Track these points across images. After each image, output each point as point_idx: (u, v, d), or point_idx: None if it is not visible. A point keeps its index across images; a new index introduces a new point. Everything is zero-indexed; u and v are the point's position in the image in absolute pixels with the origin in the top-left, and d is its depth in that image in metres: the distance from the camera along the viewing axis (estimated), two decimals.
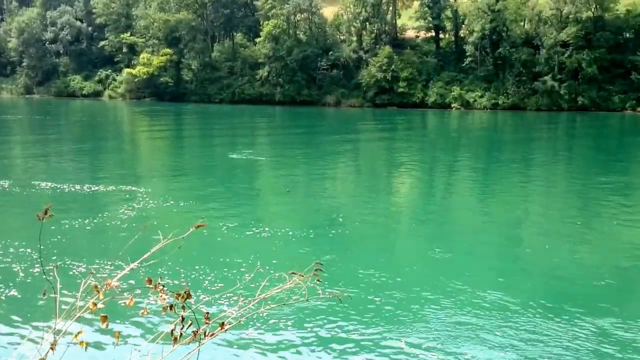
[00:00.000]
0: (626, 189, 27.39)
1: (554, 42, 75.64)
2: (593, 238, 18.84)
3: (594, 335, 11.42)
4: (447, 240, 18.43)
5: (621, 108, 73.23)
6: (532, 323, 11.90)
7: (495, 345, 11.03)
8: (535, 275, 15.12)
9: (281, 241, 17.45)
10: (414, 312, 12.41)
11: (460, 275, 14.63)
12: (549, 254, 16.80)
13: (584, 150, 43.83)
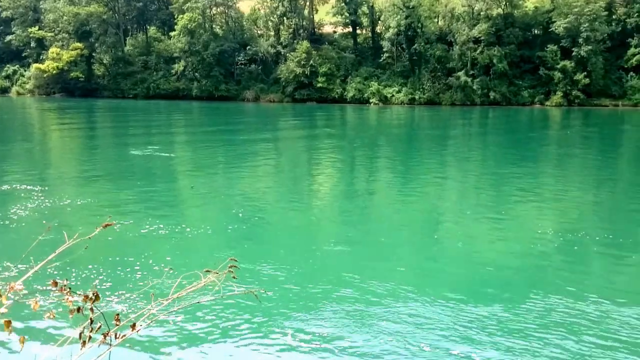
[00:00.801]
0: (535, 179, 28.23)
1: (466, 39, 77.73)
2: (507, 226, 19.17)
3: (514, 316, 11.53)
4: (366, 234, 18.17)
5: (530, 102, 76.20)
6: (451, 309, 11.89)
7: (407, 333, 10.84)
8: (454, 263, 15.23)
9: (195, 239, 16.70)
10: (332, 306, 12.03)
11: (379, 267, 14.49)
12: (466, 242, 16.99)
13: (497, 143, 45.08)
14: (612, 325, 11.14)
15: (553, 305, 12.12)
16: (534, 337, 10.70)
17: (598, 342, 10.53)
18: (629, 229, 18.16)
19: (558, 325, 11.16)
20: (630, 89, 73.78)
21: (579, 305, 12.18)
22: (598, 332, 10.86)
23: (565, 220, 19.83)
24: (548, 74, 74.85)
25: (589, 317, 11.58)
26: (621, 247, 16.24)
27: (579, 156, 37.08)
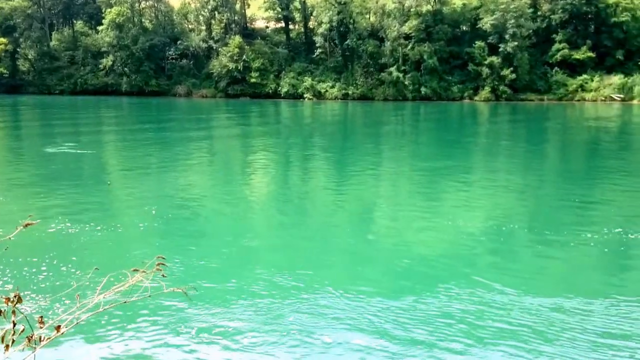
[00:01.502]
0: (465, 173, 28.66)
1: (397, 35, 78.55)
2: (437, 219, 19.30)
3: (442, 308, 11.61)
4: (301, 228, 18.05)
5: (460, 97, 77.71)
6: (384, 301, 11.93)
7: (341, 324, 10.80)
8: (381, 257, 15.25)
9: (122, 238, 16.10)
10: (266, 301, 11.85)
11: (314, 260, 14.46)
12: (398, 234, 17.14)
13: (428, 137, 45.68)
14: (521, 314, 11.25)
15: (471, 296, 12.19)
16: (448, 327, 10.74)
17: (505, 328, 10.69)
18: (555, 221, 18.41)
19: (472, 314, 11.24)
20: (555, 83, 76.26)
21: (494, 295, 12.29)
22: (507, 319, 10.99)
23: (495, 213, 20.07)
24: (476, 69, 76.51)
25: (502, 306, 11.67)
26: (547, 240, 16.43)
27: (507, 149, 37.89)
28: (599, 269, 14.36)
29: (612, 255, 15.09)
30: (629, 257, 15.06)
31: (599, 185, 25.23)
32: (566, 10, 76.77)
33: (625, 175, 27.77)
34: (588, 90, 74.83)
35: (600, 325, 10.80)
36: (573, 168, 30.82)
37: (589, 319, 11.09)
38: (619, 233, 16.55)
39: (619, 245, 15.69)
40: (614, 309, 11.53)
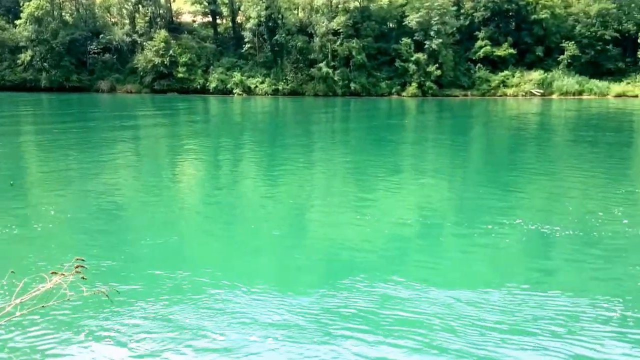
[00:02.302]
0: (395, 166, 29.04)
1: (325, 31, 78.81)
2: (366, 212, 19.34)
3: (378, 299, 11.76)
4: (230, 226, 17.73)
5: (388, 93, 78.81)
6: (319, 292, 12.02)
7: (270, 319, 10.73)
8: (321, 249, 15.38)
9: (38, 239, 15.32)
10: (190, 301, 11.60)
11: (240, 258, 14.30)
12: (332, 228, 17.15)
13: (358, 132, 45.97)
14: (430, 306, 11.40)
15: (395, 291, 12.23)
16: (368, 320, 10.79)
17: (413, 320, 10.79)
18: (479, 213, 18.73)
19: (391, 308, 11.29)
20: (478, 79, 78.51)
21: (409, 287, 12.40)
22: (417, 310, 11.12)
23: (423, 206, 20.32)
24: (403, 65, 77.79)
25: (415, 298, 11.80)
26: (470, 232, 16.70)
27: (434, 144, 38.64)
28: (516, 262, 14.63)
29: (532, 248, 15.54)
30: (546, 249, 15.49)
31: (520, 178, 26.03)
32: (488, 8, 79.14)
33: (544, 167, 28.86)
34: (509, 86, 77.47)
35: (499, 315, 11.00)
36: (496, 161, 31.73)
37: (495, 311, 11.32)
38: (538, 225, 17.07)
39: (538, 237, 16.17)
40: (523, 300, 11.84)
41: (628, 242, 15.68)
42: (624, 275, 13.32)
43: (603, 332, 10.46)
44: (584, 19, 77.75)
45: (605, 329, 10.55)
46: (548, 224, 17.09)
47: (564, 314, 11.12)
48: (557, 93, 74.85)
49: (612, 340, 10.15)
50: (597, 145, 36.42)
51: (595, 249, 15.10)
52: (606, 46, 76.71)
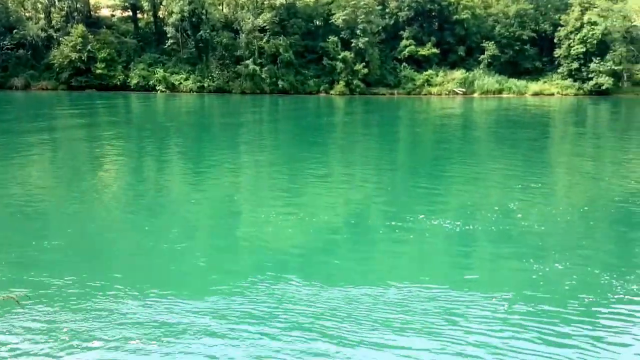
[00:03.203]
0: (325, 164, 28.96)
1: (251, 27, 77.73)
2: (295, 211, 19.20)
3: (308, 295, 11.97)
4: (153, 227, 17.14)
5: (317, 91, 78.72)
6: (254, 290, 12.19)
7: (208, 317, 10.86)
8: (251, 248, 15.46)
9: None
10: (105, 305, 11.39)
11: (173, 257, 14.14)
12: (259, 228, 17.03)
13: (287, 130, 45.61)
14: (346, 303, 11.63)
15: (324, 289, 12.36)
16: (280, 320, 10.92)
17: (350, 319, 10.96)
18: (405, 211, 18.93)
19: (314, 306, 11.46)
20: (404, 78, 79.71)
21: (347, 287, 12.47)
22: (354, 312, 11.29)
23: (351, 205, 20.40)
24: (331, 64, 77.86)
25: (353, 298, 11.94)
26: (402, 229, 16.87)
27: (362, 142, 38.75)
28: (435, 259, 15.02)
29: (451, 245, 15.90)
30: (467, 247, 15.88)
31: (443, 175, 26.64)
32: (412, 7, 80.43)
33: (467, 165, 29.51)
34: (434, 85, 79.11)
35: (394, 310, 11.37)
36: (421, 159, 32.28)
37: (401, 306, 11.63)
38: (461, 222, 17.43)
39: (459, 235, 16.53)
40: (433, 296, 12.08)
41: (537, 239, 16.21)
42: (525, 272, 13.73)
43: (489, 322, 10.92)
44: (503, 19, 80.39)
45: (490, 321, 11.00)
46: (470, 221, 17.59)
47: (456, 307, 11.52)
48: (479, 92, 77.10)
49: (496, 332, 10.60)
50: (516, 142, 37.76)
51: (511, 246, 15.57)
52: (524, 46, 79.67)
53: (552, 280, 13.18)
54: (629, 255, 15.28)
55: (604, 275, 13.33)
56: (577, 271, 13.65)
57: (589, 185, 24.77)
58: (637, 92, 76.62)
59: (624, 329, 10.86)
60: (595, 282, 13.06)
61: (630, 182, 24.75)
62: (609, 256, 15.15)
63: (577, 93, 75.93)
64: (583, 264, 14.24)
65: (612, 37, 75.65)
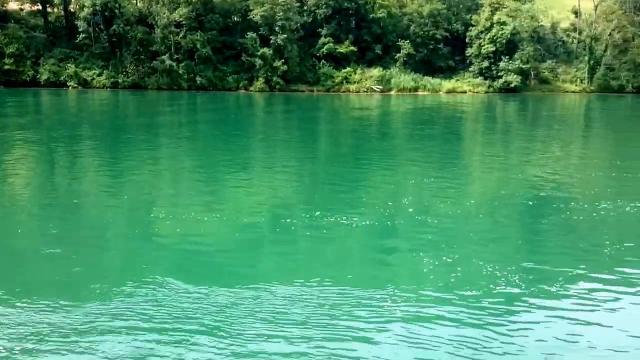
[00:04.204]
0: (244, 160, 28.82)
1: (167, 22, 76.25)
2: (216, 210, 19.09)
3: (224, 296, 11.89)
4: (69, 231, 16.60)
5: (236, 87, 78.12)
6: (165, 291, 12.05)
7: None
8: (169, 249, 15.23)
9: None
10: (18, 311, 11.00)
11: (78, 261, 13.82)
12: (178, 228, 16.85)
13: (206, 127, 45.10)
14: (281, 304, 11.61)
15: (234, 290, 12.24)
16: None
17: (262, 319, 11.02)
18: (326, 208, 19.06)
19: (229, 307, 11.41)
20: (323, 75, 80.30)
21: (266, 286, 12.43)
22: (265, 310, 11.32)
23: (270, 202, 20.42)
24: (250, 60, 77.47)
25: (273, 298, 11.91)
26: (320, 227, 16.99)
27: (282, 138, 39.01)
28: (352, 256, 15.23)
29: (370, 242, 16.22)
30: (382, 243, 16.20)
31: (363, 172, 27.07)
32: (329, 5, 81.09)
33: (385, 160, 30.25)
34: (352, 82, 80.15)
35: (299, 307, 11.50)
36: (341, 155, 32.72)
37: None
38: (381, 218, 17.83)
39: (381, 231, 16.88)
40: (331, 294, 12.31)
41: (447, 233, 16.84)
42: (428, 266, 14.14)
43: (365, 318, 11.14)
44: (417, 18, 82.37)
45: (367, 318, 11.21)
46: (386, 218, 17.95)
47: (355, 303, 11.73)
48: (396, 89, 78.75)
49: (373, 331, 10.76)
50: (431, 138, 38.99)
51: (417, 240, 16.08)
52: (438, 45, 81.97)
53: (443, 272, 13.58)
54: (531, 247, 16.08)
55: (519, 266, 14.03)
56: (495, 262, 14.05)
57: (500, 178, 25.81)
58: (543, 90, 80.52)
59: (519, 319, 11.36)
60: (509, 273, 13.68)
61: (536, 175, 26.00)
62: (521, 248, 15.85)
63: (488, 91, 78.89)
64: (501, 253, 14.96)
65: (520, 37, 79.04)
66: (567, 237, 16.95)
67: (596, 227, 17.66)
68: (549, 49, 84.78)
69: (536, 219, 18.58)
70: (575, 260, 14.69)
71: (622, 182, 23.89)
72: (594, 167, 28.14)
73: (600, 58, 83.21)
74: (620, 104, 70.35)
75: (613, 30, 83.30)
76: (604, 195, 21.30)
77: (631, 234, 16.78)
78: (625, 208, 19.19)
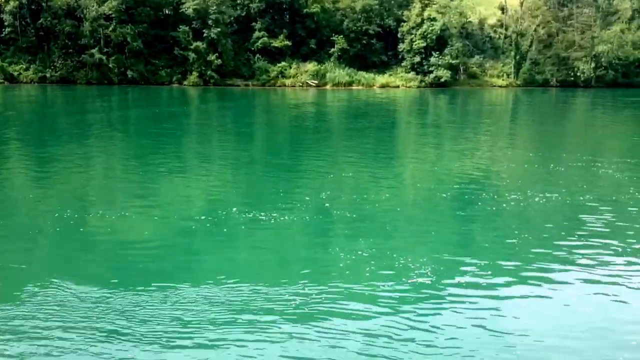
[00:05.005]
0: (178, 156, 28.56)
1: (96, 15, 74.45)
2: (152, 205, 19.00)
3: (158, 297, 11.75)
4: None
5: (169, 82, 77.12)
6: (65, 294, 11.72)
7: None
8: (100, 248, 15.00)
9: None
10: None
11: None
12: (112, 226, 16.64)
13: (138, 123, 44.36)
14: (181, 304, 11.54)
15: (165, 292, 12.16)
16: None
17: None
18: (263, 205, 19.16)
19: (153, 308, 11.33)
20: (258, 69, 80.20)
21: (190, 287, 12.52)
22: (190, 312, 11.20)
23: (207, 198, 20.34)
24: (183, 54, 76.62)
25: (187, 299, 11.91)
26: (256, 223, 17.02)
27: (217, 133, 38.89)
28: (287, 253, 15.26)
29: (305, 238, 16.37)
30: (320, 239, 16.32)
31: (300, 165, 27.41)
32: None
33: (322, 153, 30.72)
34: (287, 77, 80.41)
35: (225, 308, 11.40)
36: (277, 149, 32.92)
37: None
38: (314, 214, 18.13)
39: (306, 226, 17.12)
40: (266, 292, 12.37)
41: (382, 227, 17.37)
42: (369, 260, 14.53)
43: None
44: (350, 14, 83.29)
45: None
46: (323, 213, 18.18)
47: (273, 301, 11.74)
48: (331, 84, 79.51)
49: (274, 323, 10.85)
50: (366, 132, 39.69)
51: (366, 237, 16.25)
52: (371, 40, 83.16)
53: (358, 266, 13.82)
54: (450, 239, 16.57)
55: (448, 255, 14.59)
56: (410, 254, 14.34)
57: (429, 171, 26.33)
58: (472, 84, 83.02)
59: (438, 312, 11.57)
60: (438, 262, 14.25)
61: (465, 166, 26.95)
62: (435, 240, 16.17)
63: (420, 85, 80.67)
64: (419, 245, 15.34)
65: (450, 33, 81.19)
66: (492, 228, 17.38)
67: (521, 217, 18.27)
68: (477, 44, 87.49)
69: (461, 211, 19.00)
70: (493, 251, 15.15)
71: (546, 174, 25.05)
72: (520, 160, 29.35)
73: (525, 53, 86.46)
74: (544, 97, 73.34)
75: (538, 26, 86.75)
76: (530, 186, 22.27)
77: (553, 224, 17.45)
78: (550, 198, 20.18)
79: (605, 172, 24.92)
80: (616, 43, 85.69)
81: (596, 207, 19.03)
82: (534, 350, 10.12)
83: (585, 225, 17.17)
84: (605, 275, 13.36)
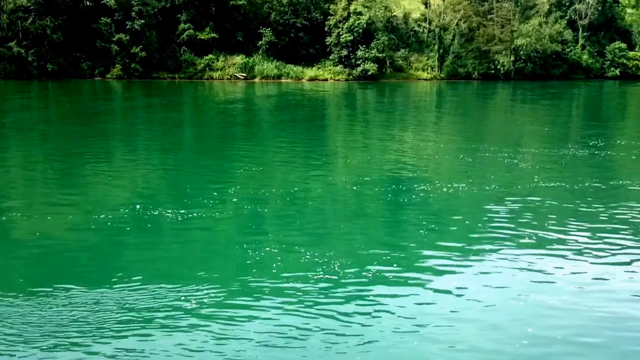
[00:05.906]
0: (103, 154, 28.06)
1: (14, 7, 71.54)
2: (77, 201, 18.80)
3: (86, 299, 11.62)
4: None
5: (91, 75, 75.07)
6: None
7: None
8: (22, 246, 14.83)
9: None
10: None
11: None
12: (34, 223, 16.41)
13: (60, 117, 43.09)
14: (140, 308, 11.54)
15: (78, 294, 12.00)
16: None
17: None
18: (195, 199, 19.15)
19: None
20: (185, 62, 79.12)
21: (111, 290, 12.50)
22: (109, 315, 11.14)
23: (136, 193, 20.18)
24: (105, 46, 74.69)
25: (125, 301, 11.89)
26: (189, 219, 16.98)
27: (144, 127, 38.42)
28: (225, 254, 15.17)
29: (239, 233, 16.50)
30: (254, 234, 16.42)
31: (230, 160, 27.41)
32: None
33: (252, 146, 30.95)
34: (215, 70, 79.67)
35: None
36: (208, 143, 32.83)
37: None
38: (249, 207, 18.37)
39: (248, 220, 17.34)
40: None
41: (316, 219, 17.82)
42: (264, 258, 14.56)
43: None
44: (278, 7, 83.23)
45: None
46: (259, 206, 18.40)
47: None
48: (259, 77, 79.37)
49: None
50: (296, 124, 40.21)
51: (302, 233, 16.46)
52: (299, 33, 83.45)
53: (270, 262, 14.00)
54: (380, 230, 17.07)
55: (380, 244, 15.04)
56: (327, 247, 14.68)
57: (362, 161, 26.97)
58: (398, 77, 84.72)
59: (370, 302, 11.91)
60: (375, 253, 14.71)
61: (391, 158, 27.77)
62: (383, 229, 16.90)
63: (348, 78, 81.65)
64: (363, 234, 15.88)
65: (376, 27, 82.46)
66: (420, 216, 17.93)
67: (449, 204, 19.15)
68: (402, 38, 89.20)
69: (392, 201, 19.58)
70: (423, 238, 15.84)
71: (471, 163, 26.16)
72: (445, 149, 30.37)
73: (448, 47, 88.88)
74: (467, 89, 75.74)
75: (460, 20, 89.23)
76: (456, 175, 23.33)
77: (479, 211, 18.33)
78: (473, 186, 21.18)
79: (511, 162, 26.33)
80: (534, 36, 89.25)
81: (502, 197, 20.11)
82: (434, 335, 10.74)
83: (491, 214, 18.13)
84: (507, 266, 14.03)
